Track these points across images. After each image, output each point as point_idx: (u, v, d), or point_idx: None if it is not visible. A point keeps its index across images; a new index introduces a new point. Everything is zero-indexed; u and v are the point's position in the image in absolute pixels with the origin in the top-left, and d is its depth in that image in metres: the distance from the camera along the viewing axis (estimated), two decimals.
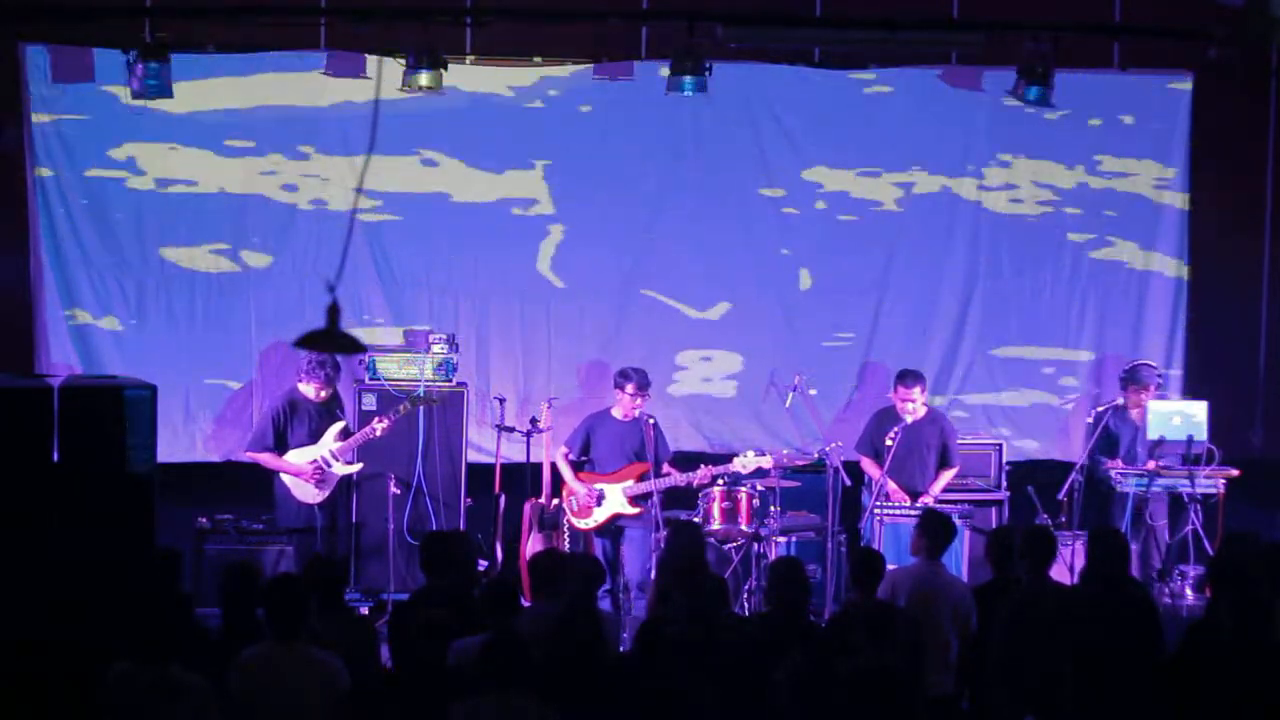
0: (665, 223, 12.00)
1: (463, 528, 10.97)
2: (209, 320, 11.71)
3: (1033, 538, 8.29)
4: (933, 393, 11.71)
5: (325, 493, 10.82)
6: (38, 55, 11.35)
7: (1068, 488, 11.06)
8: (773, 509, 10.72)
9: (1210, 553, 10.64)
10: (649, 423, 10.87)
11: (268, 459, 10.82)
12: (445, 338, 11.44)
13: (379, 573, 11.05)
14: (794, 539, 10.95)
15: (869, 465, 11.19)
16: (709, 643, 7.08)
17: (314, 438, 10.84)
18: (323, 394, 10.91)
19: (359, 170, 11.49)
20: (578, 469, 11.06)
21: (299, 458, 10.79)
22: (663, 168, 11.97)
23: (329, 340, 5.86)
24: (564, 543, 10.92)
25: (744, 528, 10.69)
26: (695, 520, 10.55)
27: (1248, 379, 12.36)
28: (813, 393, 11.58)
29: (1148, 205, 12.31)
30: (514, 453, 11.27)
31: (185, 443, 11.61)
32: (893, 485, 10.93)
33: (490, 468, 11.25)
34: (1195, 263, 12.34)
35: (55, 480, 7.84)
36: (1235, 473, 11.23)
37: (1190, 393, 12.12)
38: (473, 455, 11.50)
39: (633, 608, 10.62)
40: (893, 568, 8.50)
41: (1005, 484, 11.61)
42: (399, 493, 11.01)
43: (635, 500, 10.87)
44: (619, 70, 11.75)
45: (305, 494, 10.79)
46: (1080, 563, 9.82)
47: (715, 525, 10.66)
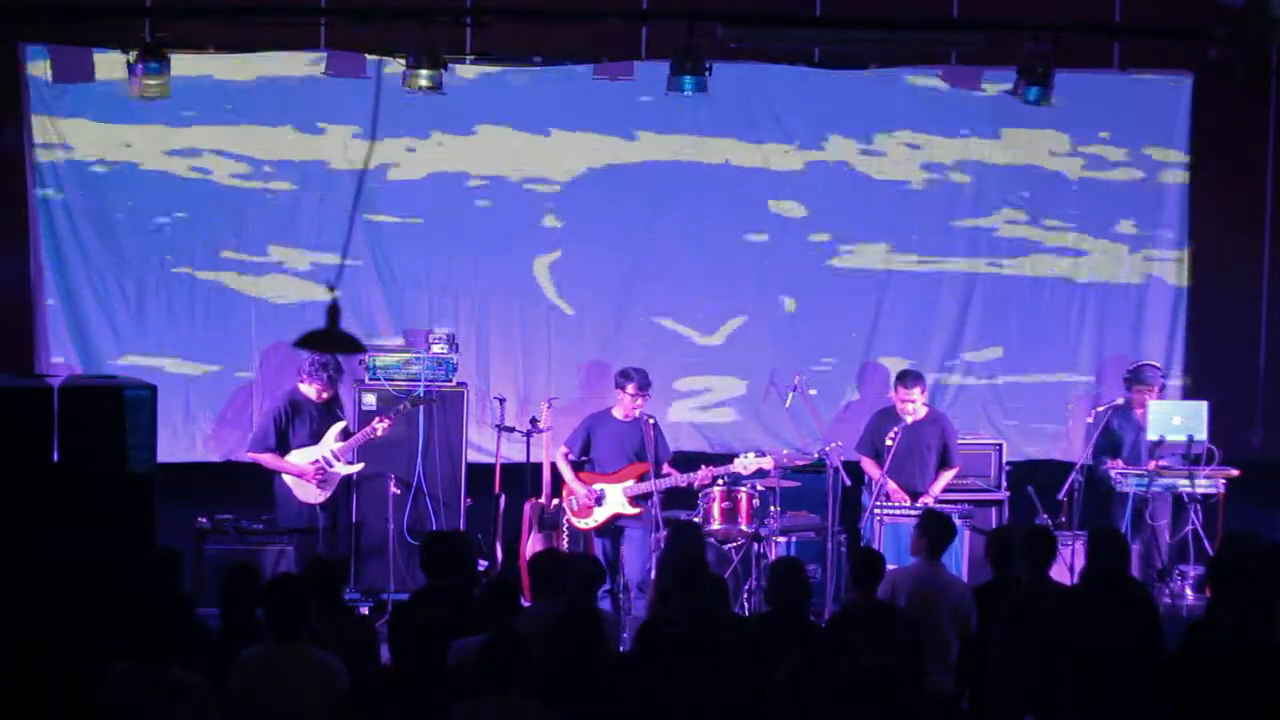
0: (665, 222, 12.00)
1: (463, 528, 10.97)
2: (209, 320, 11.72)
3: (1033, 538, 8.28)
4: (933, 393, 11.70)
5: (327, 493, 10.82)
6: (38, 55, 11.34)
7: (1068, 488, 11.06)
8: (773, 509, 10.72)
9: (1210, 553, 10.64)
10: (649, 423, 10.87)
11: (269, 459, 10.82)
12: (445, 338, 11.44)
13: (379, 573, 11.05)
14: (794, 539, 10.95)
15: (869, 465, 11.19)
16: (709, 643, 7.08)
17: (315, 438, 10.84)
18: (324, 395, 10.91)
19: (360, 170, 11.49)
20: (578, 469, 11.06)
21: (300, 458, 10.79)
22: (662, 167, 11.97)
23: (329, 340, 5.86)
24: (564, 543, 10.91)
25: (744, 528, 10.69)
26: (695, 520, 10.55)
27: (1248, 379, 12.36)
28: (813, 393, 11.59)
29: (1147, 205, 12.30)
30: (514, 453, 11.26)
31: (185, 443, 11.61)
32: (893, 485, 10.93)
33: (490, 468, 11.25)
34: (1195, 263, 12.34)
35: (55, 480, 7.83)
36: (1235, 473, 11.22)
37: (1190, 393, 12.12)
38: (473, 455, 11.50)
39: (633, 608, 10.62)
40: (893, 568, 8.50)
41: (1005, 484, 11.60)
42: (399, 493, 11.01)
43: (635, 500, 10.86)
44: (619, 70, 11.73)
45: (307, 494, 10.79)
46: (1080, 563, 9.82)
47: (715, 525, 10.66)
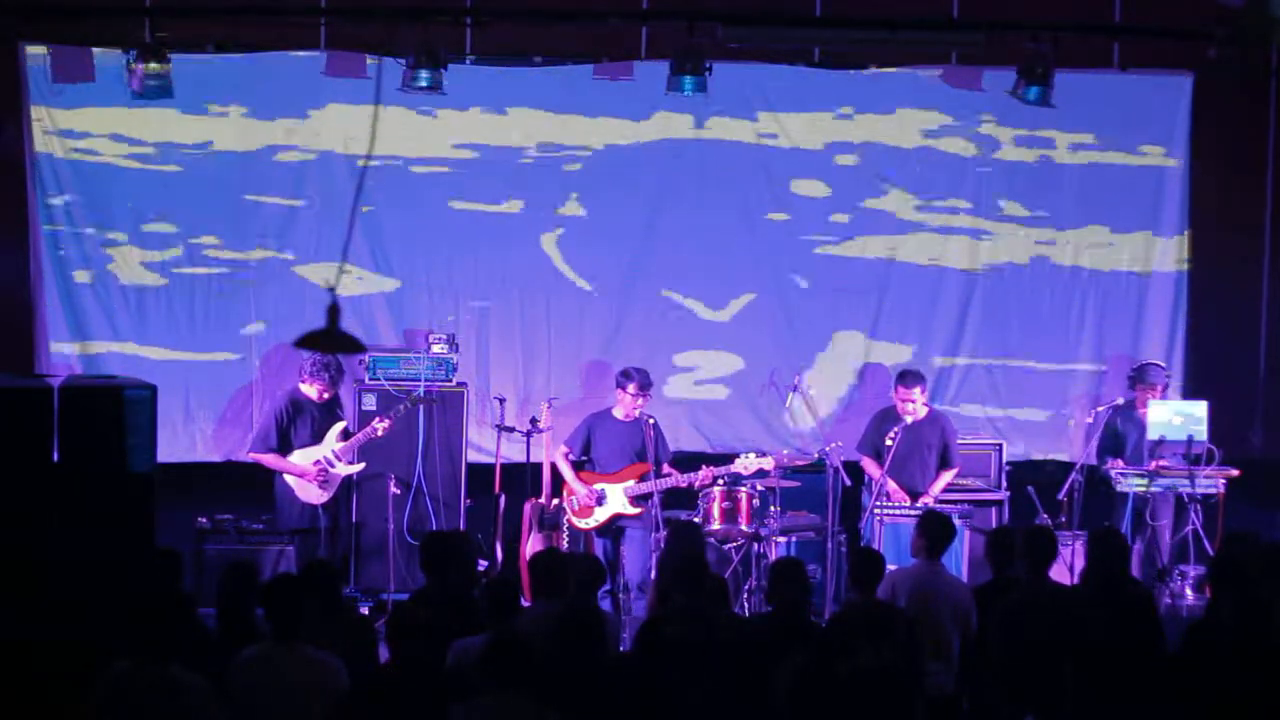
0: (665, 222, 12.00)
1: (463, 528, 10.97)
2: (209, 320, 11.72)
3: (1033, 538, 8.28)
4: (932, 393, 11.70)
5: (329, 493, 10.81)
6: (38, 55, 11.35)
7: (1068, 488, 11.05)
8: (773, 509, 10.71)
9: (1210, 553, 10.63)
10: (649, 423, 10.86)
11: (272, 460, 10.81)
12: (445, 338, 11.44)
13: (379, 573, 11.04)
14: (794, 539, 10.95)
15: (870, 465, 11.19)
16: (709, 643, 7.07)
17: (317, 438, 10.83)
18: (325, 395, 10.90)
19: (359, 170, 11.50)
20: (578, 469, 11.05)
21: (302, 458, 10.78)
22: (662, 167, 11.97)
23: (329, 340, 5.86)
24: (564, 543, 10.91)
25: (744, 528, 10.68)
26: (695, 520, 10.55)
27: (1248, 379, 12.35)
28: (813, 393, 11.58)
29: (1147, 205, 12.29)
30: (514, 453, 11.25)
31: (185, 443, 11.61)
32: (893, 485, 10.93)
33: (490, 468, 11.24)
34: (1195, 262, 12.33)
35: (55, 480, 7.85)
36: (1235, 473, 11.21)
37: (1190, 393, 12.11)
38: (473, 455, 11.50)
39: (633, 608, 10.62)
40: (893, 568, 8.50)
41: (1005, 484, 11.59)
42: (399, 493, 11.00)
43: (636, 500, 10.86)
44: (619, 70, 11.74)
45: (309, 495, 10.78)
46: (1080, 563, 9.82)
47: (715, 525, 10.65)
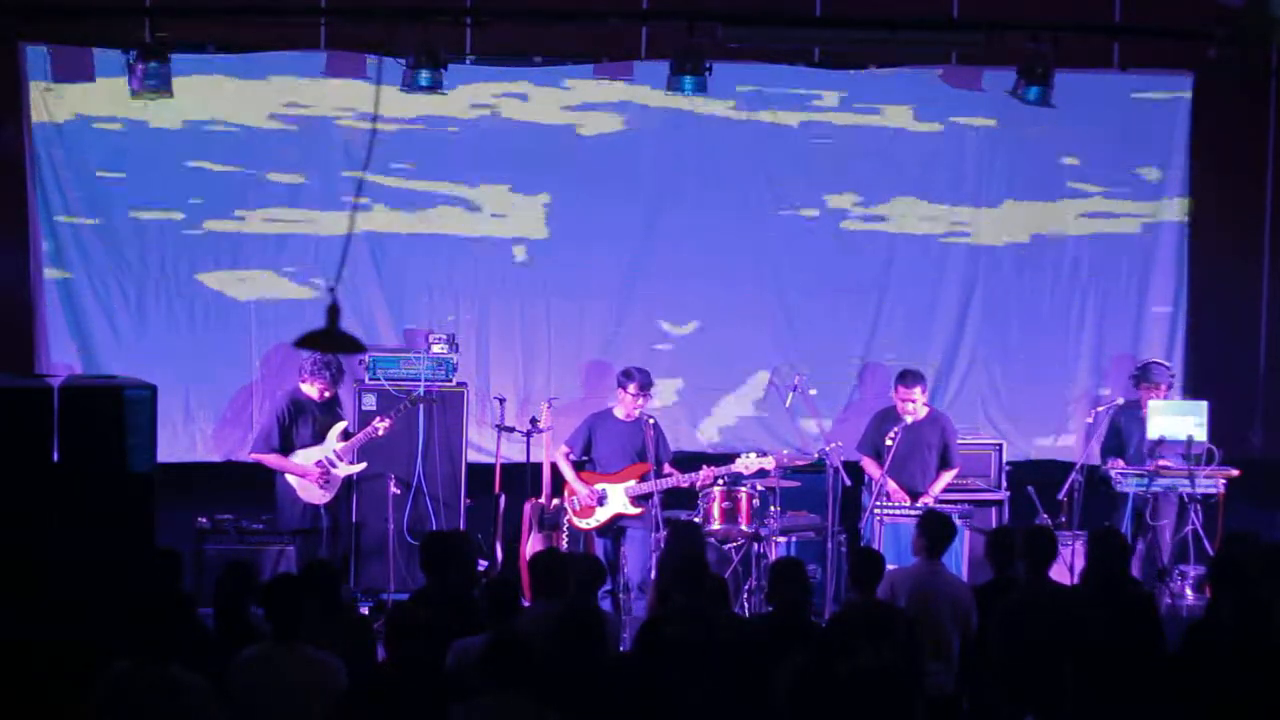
0: (665, 222, 12.00)
1: (463, 528, 10.97)
2: (209, 320, 11.71)
3: (1033, 538, 8.28)
4: (932, 393, 11.70)
5: (331, 493, 10.80)
6: (38, 55, 11.35)
7: (1068, 488, 11.04)
8: (773, 509, 10.71)
9: (1210, 553, 10.63)
10: (650, 423, 10.86)
11: (273, 460, 10.80)
12: (445, 338, 11.44)
13: (379, 573, 11.04)
14: (794, 539, 10.94)
15: (870, 465, 11.18)
16: (709, 643, 7.07)
17: (318, 438, 10.82)
18: (326, 395, 10.90)
19: (360, 168, 11.49)
20: (579, 469, 11.05)
21: (304, 459, 10.78)
22: (662, 167, 11.97)
23: (329, 340, 5.86)
24: (564, 543, 10.91)
25: (744, 528, 10.68)
26: (695, 520, 10.55)
27: (1248, 379, 12.36)
28: (813, 393, 11.59)
29: (1147, 205, 12.29)
30: (514, 453, 11.25)
31: (185, 443, 11.60)
32: (893, 485, 10.93)
33: (490, 468, 11.24)
34: (1195, 262, 12.33)
35: (55, 480, 7.85)
36: (1235, 473, 11.21)
37: (1190, 393, 12.12)
38: (473, 455, 11.49)
39: (633, 608, 10.62)
40: (893, 568, 8.49)
41: (1005, 484, 11.59)
42: (399, 493, 11.00)
43: (637, 500, 10.86)
44: (619, 70, 11.74)
45: (311, 495, 10.77)
46: (1080, 563, 9.81)
47: (715, 525, 10.65)
